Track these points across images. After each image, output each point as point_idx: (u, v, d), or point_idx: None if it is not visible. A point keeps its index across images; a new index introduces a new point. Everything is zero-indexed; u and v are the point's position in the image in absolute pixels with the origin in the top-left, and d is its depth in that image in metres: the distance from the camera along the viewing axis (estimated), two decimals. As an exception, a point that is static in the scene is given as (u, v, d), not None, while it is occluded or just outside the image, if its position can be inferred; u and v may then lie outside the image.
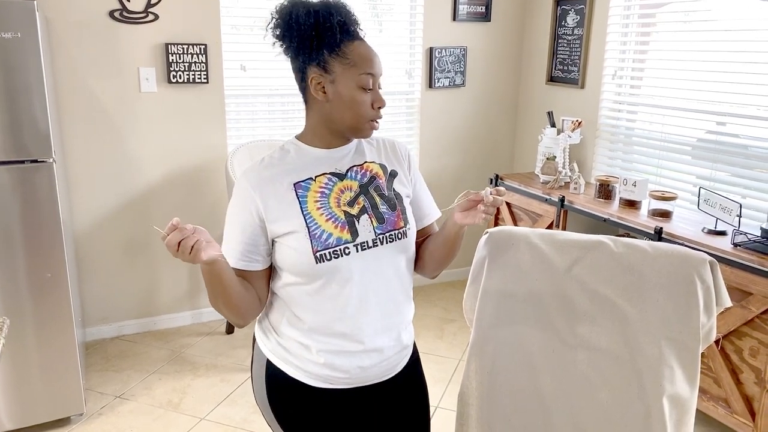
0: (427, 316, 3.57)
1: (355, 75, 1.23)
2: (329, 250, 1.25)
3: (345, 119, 1.27)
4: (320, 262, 1.24)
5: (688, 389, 1.43)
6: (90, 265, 3.16)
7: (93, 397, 2.72)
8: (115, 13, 2.93)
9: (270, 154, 1.32)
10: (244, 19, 3.29)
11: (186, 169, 3.24)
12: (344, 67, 1.24)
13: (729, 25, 2.71)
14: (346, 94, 1.24)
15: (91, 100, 2.99)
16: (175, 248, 1.08)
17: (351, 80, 1.24)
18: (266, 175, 1.28)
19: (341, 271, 1.26)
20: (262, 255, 1.29)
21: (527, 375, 1.51)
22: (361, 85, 1.24)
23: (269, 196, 1.26)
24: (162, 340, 3.26)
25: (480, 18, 3.71)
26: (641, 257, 1.45)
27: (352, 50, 1.24)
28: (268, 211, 1.25)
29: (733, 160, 2.74)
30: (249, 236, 1.27)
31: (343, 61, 1.23)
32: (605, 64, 3.32)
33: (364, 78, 1.24)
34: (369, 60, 1.25)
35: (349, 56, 1.23)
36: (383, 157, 1.39)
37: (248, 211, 1.26)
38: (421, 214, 1.45)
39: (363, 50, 1.25)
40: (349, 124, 1.27)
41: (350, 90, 1.24)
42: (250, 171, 1.29)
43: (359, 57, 1.24)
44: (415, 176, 1.44)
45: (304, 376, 1.33)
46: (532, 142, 3.86)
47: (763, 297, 2.17)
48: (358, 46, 1.25)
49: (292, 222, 1.25)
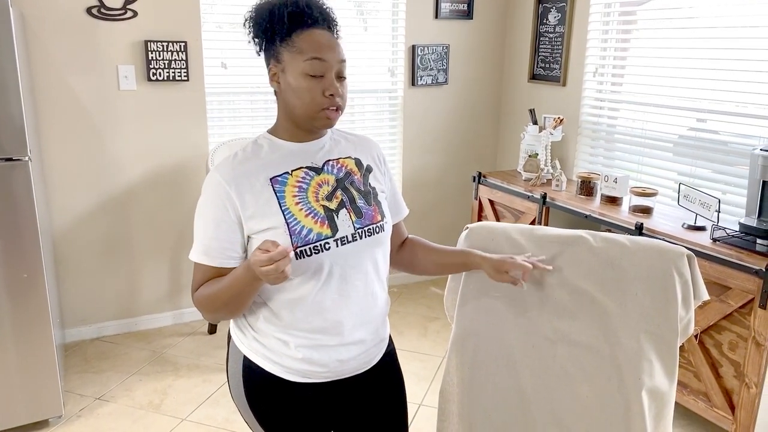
0: (411, 314, 3.56)
1: (300, 61, 1.21)
2: (309, 245, 1.23)
3: (296, 108, 1.25)
4: (300, 258, 1.23)
5: (667, 382, 1.44)
6: (69, 266, 3.12)
7: (72, 399, 2.69)
8: (93, 9, 2.89)
9: (243, 148, 1.30)
10: (225, 16, 3.26)
11: (166, 168, 3.21)
12: (291, 55, 1.22)
13: (708, 23, 2.73)
14: (292, 81, 1.23)
15: (70, 98, 2.95)
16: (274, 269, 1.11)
17: (297, 67, 1.22)
18: (241, 170, 1.25)
19: (321, 267, 1.25)
20: (237, 252, 1.27)
21: (508, 370, 1.51)
22: (306, 71, 1.21)
23: (245, 192, 1.23)
24: (143, 340, 3.22)
25: (462, 16, 3.71)
26: (620, 251, 1.45)
27: (302, 38, 1.22)
28: (244, 208, 1.23)
29: (713, 156, 2.76)
30: (224, 233, 1.24)
31: (291, 49, 1.22)
32: (586, 61, 3.34)
33: (311, 64, 1.21)
34: (318, 46, 1.21)
35: (297, 44, 1.22)
36: (358, 151, 1.39)
37: (223, 207, 1.24)
38: (396, 210, 1.48)
39: (314, 37, 1.22)
40: (300, 113, 1.25)
41: (296, 77, 1.22)
42: (222, 166, 1.26)
43: (306, 43, 1.21)
44: (389, 176, 1.46)
45: (281, 371, 1.32)
46: (514, 139, 3.87)
47: (742, 291, 2.19)
48: (310, 33, 1.22)
49: (270, 218, 1.23)
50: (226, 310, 1.26)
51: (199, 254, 1.27)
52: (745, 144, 2.62)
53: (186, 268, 3.38)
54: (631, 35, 3.18)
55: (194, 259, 1.28)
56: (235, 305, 1.25)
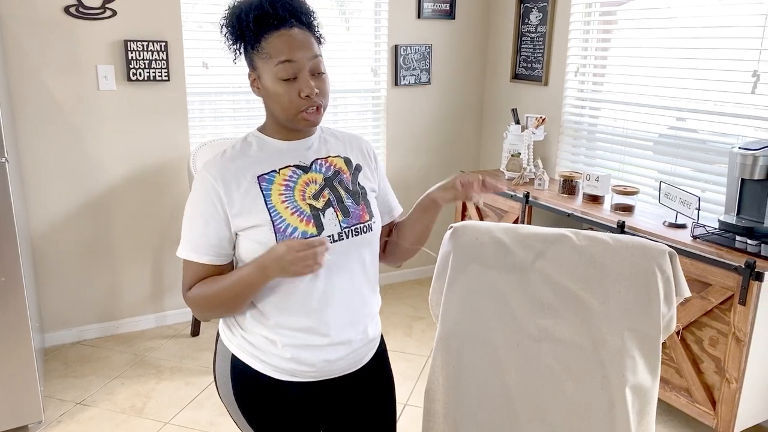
0: (396, 314, 3.56)
1: (271, 66, 1.21)
2: None
3: (276, 112, 1.25)
4: None
5: (650, 379, 1.45)
6: (49, 269, 3.07)
7: (52, 404, 2.64)
8: (71, 8, 2.85)
9: (232, 146, 1.30)
10: (206, 15, 3.23)
11: (147, 169, 3.17)
12: (263, 61, 1.22)
13: (687, 23, 2.77)
14: (269, 87, 1.23)
15: (48, 99, 2.90)
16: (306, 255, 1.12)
17: (270, 73, 1.21)
18: (229, 168, 1.25)
19: None
20: (226, 249, 1.27)
21: (493, 369, 1.51)
22: (279, 76, 1.20)
23: (232, 189, 1.23)
24: (125, 344, 3.18)
25: (444, 15, 3.72)
26: (603, 249, 1.46)
27: (270, 42, 1.21)
28: (231, 204, 1.23)
29: (693, 154, 2.80)
30: (213, 230, 1.24)
31: (261, 56, 1.22)
32: (568, 61, 3.36)
33: (281, 68, 1.20)
34: (285, 48, 1.20)
35: (265, 49, 1.21)
36: (348, 150, 1.39)
37: (211, 203, 1.23)
38: (388, 208, 1.48)
39: (280, 40, 1.20)
40: (282, 117, 1.25)
41: (271, 83, 1.22)
42: (211, 163, 1.26)
43: (274, 48, 1.20)
44: (380, 173, 1.45)
45: (270, 370, 1.31)
46: (497, 139, 3.88)
47: (722, 288, 2.22)
48: (277, 36, 1.21)
49: (256, 216, 1.23)
50: (223, 308, 1.26)
51: (188, 251, 1.26)
52: (724, 142, 2.66)
53: (168, 270, 3.35)
54: (611, 35, 3.21)
55: (183, 256, 1.27)
56: (234, 304, 1.25)
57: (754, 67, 2.52)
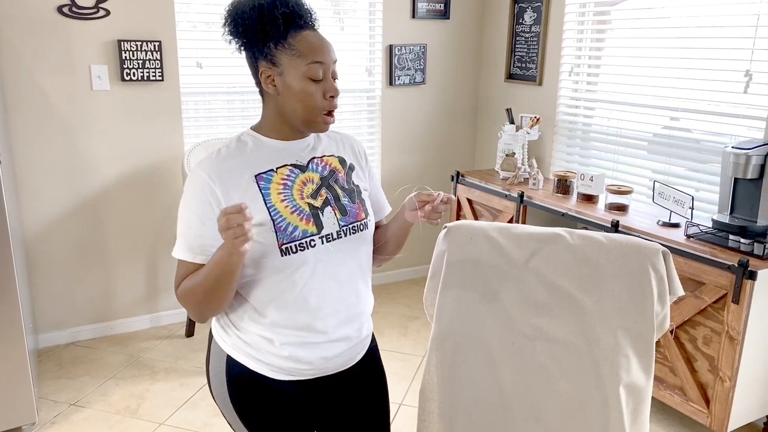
0: (391, 313, 3.56)
1: (302, 66, 1.21)
2: (295, 242, 1.24)
3: (297, 112, 1.25)
4: (286, 255, 1.23)
5: (644, 378, 1.46)
6: (42, 269, 3.06)
7: (46, 406, 2.63)
8: (64, 8, 2.83)
9: (226, 145, 1.29)
10: (200, 15, 3.23)
11: (141, 169, 3.16)
12: (291, 59, 1.22)
13: (681, 23, 2.78)
14: (295, 85, 1.22)
15: (41, 99, 2.89)
16: (228, 226, 1.07)
17: (298, 71, 1.22)
18: (225, 167, 1.24)
19: (306, 264, 1.25)
20: None
21: (487, 368, 1.51)
22: (309, 75, 1.22)
23: (230, 188, 1.22)
24: (119, 344, 3.17)
25: (439, 15, 3.72)
26: (597, 249, 1.47)
27: (299, 41, 1.21)
28: (229, 204, 1.21)
29: (686, 154, 2.81)
30: (208, 230, 1.22)
31: (289, 53, 1.22)
32: (562, 61, 3.37)
33: (312, 68, 1.21)
34: (317, 49, 1.22)
35: (295, 47, 1.21)
36: (341, 150, 1.39)
37: (207, 203, 1.22)
38: (380, 207, 1.49)
39: (310, 40, 1.22)
40: (301, 116, 1.25)
41: (299, 81, 1.22)
42: (206, 162, 1.25)
43: (306, 47, 1.21)
44: (371, 173, 1.46)
45: (266, 370, 1.31)
46: (491, 138, 3.89)
47: (715, 286, 2.23)
48: (306, 36, 1.22)
49: (256, 215, 1.22)
50: (210, 300, 1.22)
51: (182, 251, 1.25)
52: (717, 142, 2.67)
53: (163, 270, 3.34)
54: (605, 35, 3.22)
55: (178, 256, 1.26)
56: (217, 293, 1.20)
57: (746, 66, 2.53)
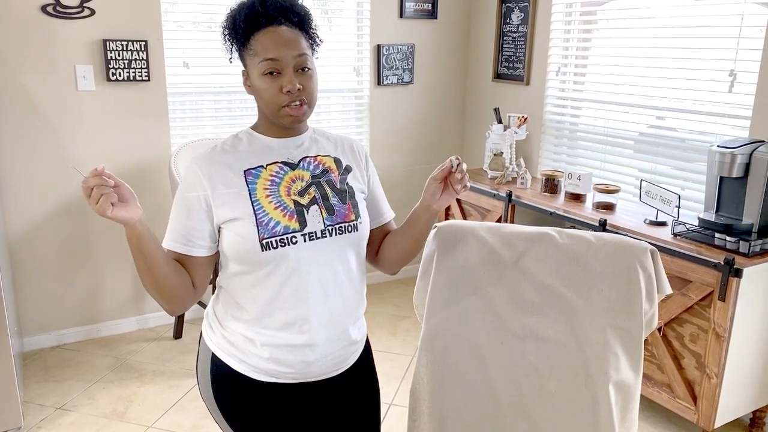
0: (380, 313, 3.56)
1: (257, 63, 1.24)
2: (276, 238, 1.24)
3: (264, 109, 1.29)
4: (266, 249, 1.24)
5: (633, 376, 1.46)
6: (27, 272, 3.02)
7: (32, 410, 2.60)
8: (48, 7, 2.80)
9: (222, 141, 1.33)
10: (187, 15, 3.20)
11: (128, 170, 3.13)
12: (251, 59, 1.26)
13: (666, 23, 2.80)
14: (257, 84, 1.26)
15: (25, 99, 2.85)
16: (88, 193, 1.08)
17: (255, 69, 1.25)
18: (217, 161, 1.28)
19: (287, 260, 1.25)
20: (205, 240, 1.28)
21: (477, 367, 1.52)
22: (263, 72, 1.24)
23: (218, 182, 1.26)
24: (106, 347, 3.14)
25: (427, 15, 3.72)
26: (585, 247, 1.47)
27: (257, 40, 1.24)
28: (215, 197, 1.25)
29: (672, 153, 2.83)
30: (194, 220, 1.26)
31: (249, 53, 1.26)
32: (549, 60, 3.39)
33: (265, 64, 1.23)
34: (269, 45, 1.23)
35: (253, 47, 1.25)
36: (339, 151, 1.40)
37: (196, 195, 1.26)
38: (378, 212, 1.47)
39: (266, 37, 1.24)
40: (267, 112, 1.29)
41: (257, 79, 1.25)
42: (201, 157, 1.29)
43: (260, 45, 1.24)
44: (372, 177, 1.46)
45: (249, 370, 1.31)
46: (479, 138, 3.90)
47: (702, 284, 2.24)
48: (264, 33, 1.24)
49: (239, 208, 1.24)
50: (150, 287, 1.23)
51: (168, 240, 1.29)
52: (703, 141, 2.69)
53: (150, 272, 3.31)
54: (592, 35, 3.24)
55: (164, 246, 1.28)
56: (147, 277, 1.21)
57: (731, 66, 2.56)
